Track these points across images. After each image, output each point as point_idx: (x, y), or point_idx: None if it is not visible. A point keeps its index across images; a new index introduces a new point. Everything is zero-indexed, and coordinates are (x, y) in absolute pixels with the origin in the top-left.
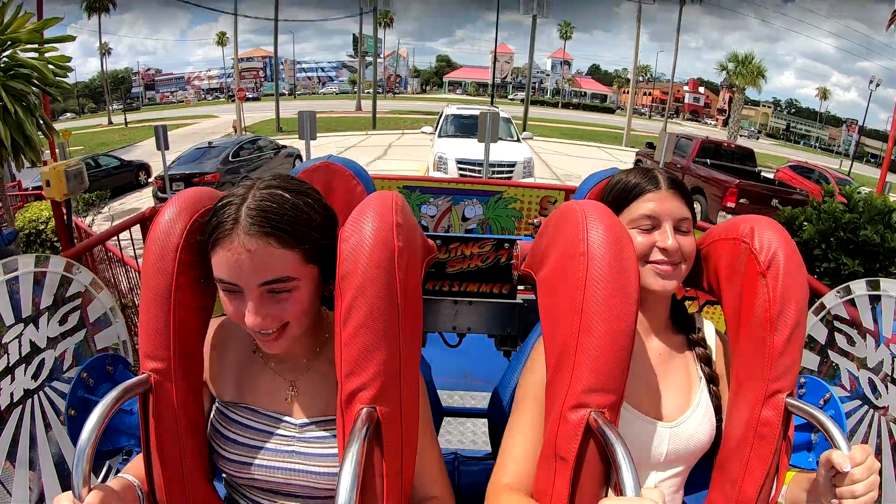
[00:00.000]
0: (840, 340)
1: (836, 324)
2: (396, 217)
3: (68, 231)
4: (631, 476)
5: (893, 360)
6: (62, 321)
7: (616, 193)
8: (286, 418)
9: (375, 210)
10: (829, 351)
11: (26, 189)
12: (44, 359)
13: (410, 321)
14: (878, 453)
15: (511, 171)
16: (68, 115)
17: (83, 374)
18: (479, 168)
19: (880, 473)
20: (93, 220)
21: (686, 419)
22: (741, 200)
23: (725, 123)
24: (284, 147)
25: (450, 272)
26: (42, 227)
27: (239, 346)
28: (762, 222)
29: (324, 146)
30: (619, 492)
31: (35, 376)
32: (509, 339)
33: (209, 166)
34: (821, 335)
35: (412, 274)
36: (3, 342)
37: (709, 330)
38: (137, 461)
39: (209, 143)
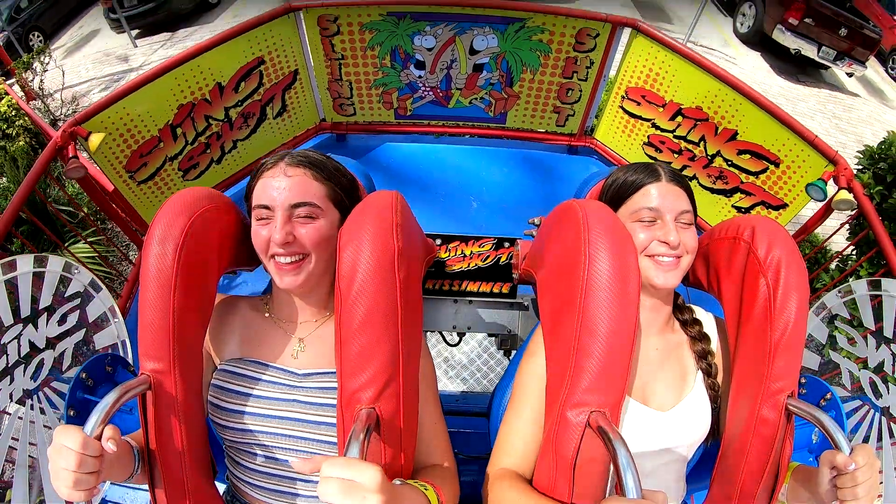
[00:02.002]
0: (841, 340)
1: (837, 324)
2: (396, 217)
3: None
4: (632, 477)
5: (894, 360)
6: (61, 321)
7: (616, 188)
8: (289, 369)
9: (375, 210)
10: (829, 351)
11: None
12: (43, 359)
13: (410, 321)
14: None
15: None
16: None
17: (82, 374)
18: None
19: (880, 472)
20: (42, 71)
21: (679, 408)
22: (806, 19)
23: None
24: None
25: (450, 271)
26: None
27: (247, 313)
28: (763, 222)
29: None
30: (621, 492)
31: (34, 377)
32: (509, 339)
33: None
34: (821, 335)
35: (412, 274)
36: (1, 343)
37: (709, 322)
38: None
39: None
